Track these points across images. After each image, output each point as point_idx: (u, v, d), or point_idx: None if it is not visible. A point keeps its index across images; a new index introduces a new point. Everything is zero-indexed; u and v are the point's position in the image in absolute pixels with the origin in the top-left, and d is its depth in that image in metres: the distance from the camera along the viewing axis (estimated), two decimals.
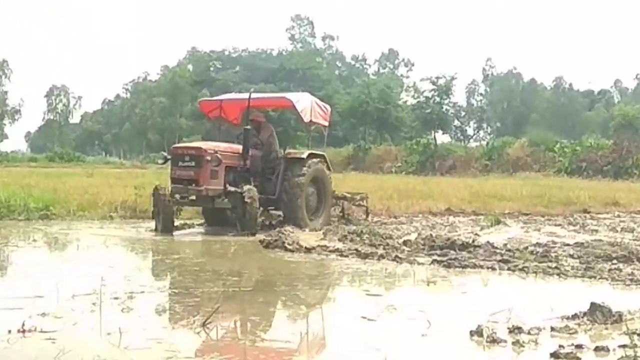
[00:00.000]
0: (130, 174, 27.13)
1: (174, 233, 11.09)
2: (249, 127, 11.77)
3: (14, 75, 78.85)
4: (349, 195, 13.73)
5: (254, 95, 12.75)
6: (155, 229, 11.14)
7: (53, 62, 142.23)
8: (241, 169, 11.59)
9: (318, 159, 12.26)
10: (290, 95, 13.30)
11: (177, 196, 11.08)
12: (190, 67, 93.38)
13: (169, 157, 11.57)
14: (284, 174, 11.80)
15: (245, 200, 10.85)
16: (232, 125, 13.50)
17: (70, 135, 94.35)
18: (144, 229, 11.49)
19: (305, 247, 9.24)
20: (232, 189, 11.14)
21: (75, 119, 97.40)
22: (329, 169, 12.64)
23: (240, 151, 11.56)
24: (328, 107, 13.41)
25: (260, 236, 10.22)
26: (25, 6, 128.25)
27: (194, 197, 11.12)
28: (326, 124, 13.19)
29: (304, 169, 11.79)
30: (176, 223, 11.46)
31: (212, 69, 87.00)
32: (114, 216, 13.04)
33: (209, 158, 10.98)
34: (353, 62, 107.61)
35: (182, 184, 10.95)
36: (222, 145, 11.54)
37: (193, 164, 10.96)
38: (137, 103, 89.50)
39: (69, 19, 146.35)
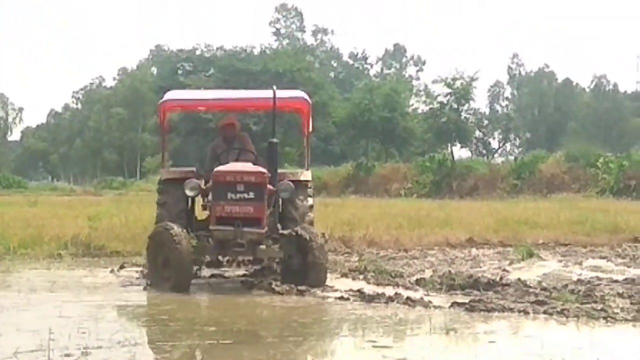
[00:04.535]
0: (83, 202, 27.10)
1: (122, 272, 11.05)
2: (275, 140, 10.27)
3: None
4: None
5: (259, 93, 11.83)
6: (149, 283, 9.79)
7: None
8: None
9: None
10: (306, 96, 11.87)
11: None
12: (153, 70, 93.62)
13: (205, 186, 10.14)
14: (285, 203, 10.48)
15: (316, 249, 9.51)
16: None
17: (9, 155, 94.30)
18: (102, 269, 11.47)
19: (298, 289, 9.25)
20: (285, 231, 9.86)
21: (14, 135, 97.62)
22: None
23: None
24: None
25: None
26: None
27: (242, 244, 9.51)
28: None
29: (309, 195, 10.72)
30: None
31: (180, 72, 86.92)
32: (63, 254, 13.03)
33: (272, 187, 9.81)
34: (351, 62, 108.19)
35: (234, 225, 9.44)
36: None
37: (252, 195, 9.54)
38: (90, 115, 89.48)
39: (5, 11, 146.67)
